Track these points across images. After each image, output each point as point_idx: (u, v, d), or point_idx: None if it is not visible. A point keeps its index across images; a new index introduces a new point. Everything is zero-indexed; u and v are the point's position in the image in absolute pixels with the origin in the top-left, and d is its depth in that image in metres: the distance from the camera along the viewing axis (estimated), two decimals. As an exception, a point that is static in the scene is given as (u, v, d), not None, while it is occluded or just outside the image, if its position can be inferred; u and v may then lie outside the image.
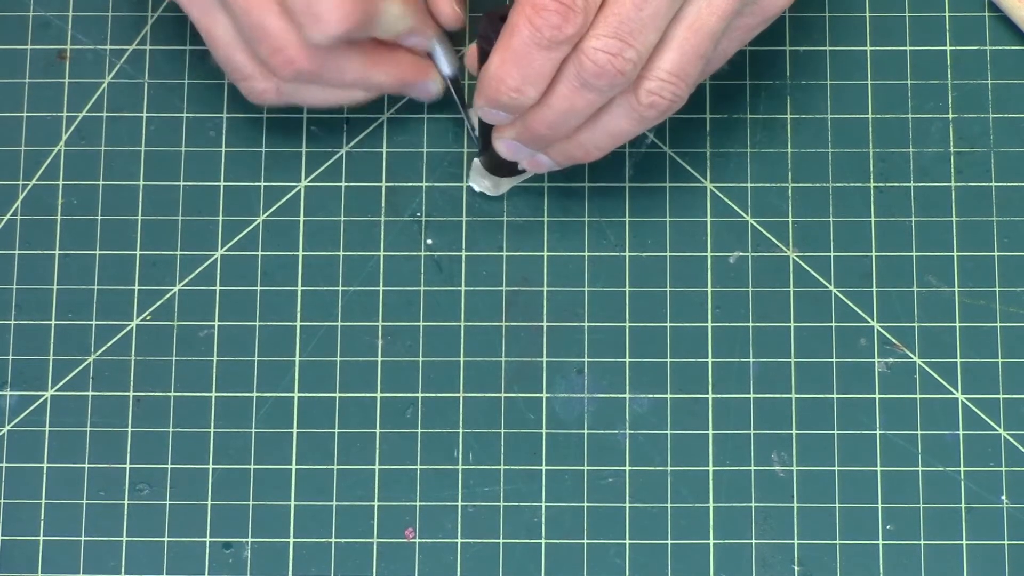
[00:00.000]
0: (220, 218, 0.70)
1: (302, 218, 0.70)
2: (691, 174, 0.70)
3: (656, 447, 0.68)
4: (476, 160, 0.70)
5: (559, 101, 0.62)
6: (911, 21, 0.71)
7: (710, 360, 0.69)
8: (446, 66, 0.67)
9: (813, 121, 0.71)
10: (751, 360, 0.69)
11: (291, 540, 0.68)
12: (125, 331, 0.69)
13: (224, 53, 0.65)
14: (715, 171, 0.70)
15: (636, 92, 0.62)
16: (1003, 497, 0.68)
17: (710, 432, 0.68)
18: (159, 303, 0.70)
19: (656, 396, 0.69)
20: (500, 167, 0.69)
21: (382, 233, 0.70)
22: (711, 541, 0.68)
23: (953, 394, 0.68)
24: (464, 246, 0.70)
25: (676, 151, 0.71)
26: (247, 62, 0.65)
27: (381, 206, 0.70)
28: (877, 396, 0.68)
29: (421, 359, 0.69)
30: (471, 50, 0.65)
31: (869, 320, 0.69)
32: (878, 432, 0.68)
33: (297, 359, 0.69)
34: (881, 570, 0.67)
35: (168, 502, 0.68)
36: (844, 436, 0.68)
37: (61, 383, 0.69)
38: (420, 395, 0.69)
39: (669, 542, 0.68)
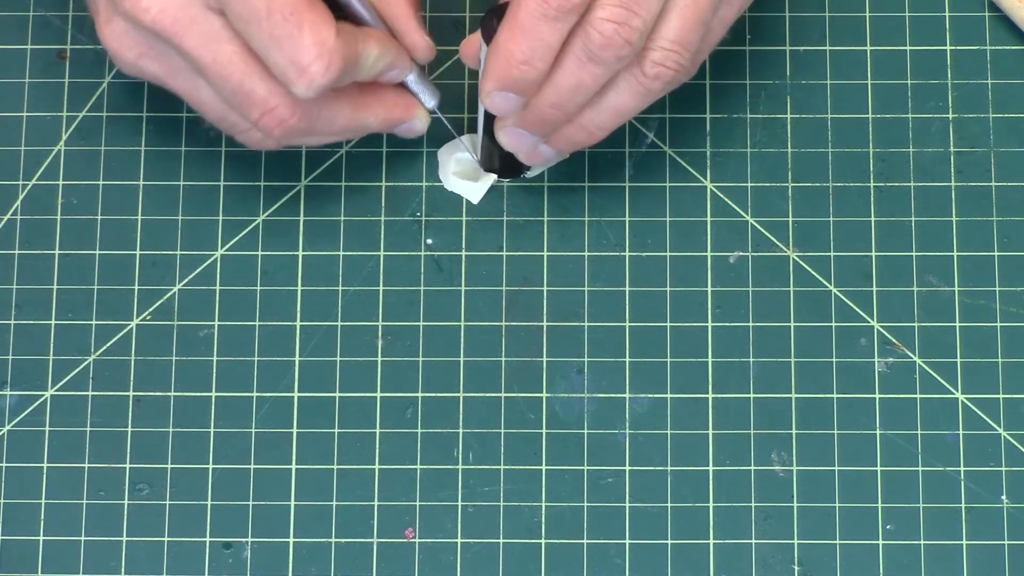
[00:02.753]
0: (220, 218, 0.70)
1: (302, 218, 0.70)
2: (691, 174, 0.70)
3: (656, 447, 0.68)
4: (451, 160, 0.70)
5: (565, 77, 0.62)
6: (911, 21, 0.71)
7: (710, 360, 0.69)
8: (428, 98, 0.67)
9: (813, 121, 0.71)
10: (751, 360, 0.69)
11: (291, 540, 0.68)
12: (125, 331, 0.69)
13: (215, 115, 0.65)
14: (715, 171, 0.70)
15: (641, 64, 0.62)
16: (1003, 497, 0.68)
17: (710, 432, 0.68)
18: (159, 303, 0.70)
19: (656, 396, 0.69)
20: (504, 168, 0.69)
21: (382, 233, 0.70)
22: (711, 541, 0.68)
23: (953, 394, 0.68)
24: (464, 246, 0.70)
25: (676, 151, 0.71)
26: (239, 119, 0.64)
27: (381, 206, 0.70)
28: (877, 396, 0.68)
29: (421, 359, 0.69)
30: (469, 40, 0.65)
31: (869, 320, 0.69)
32: (878, 432, 0.68)
33: (297, 359, 0.69)
34: (881, 570, 0.67)
35: (168, 502, 0.68)
36: (844, 436, 0.68)
37: (61, 383, 0.69)
38: (420, 395, 0.69)
39: (669, 542, 0.68)
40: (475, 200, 0.70)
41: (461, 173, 0.70)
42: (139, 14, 0.61)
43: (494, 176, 0.69)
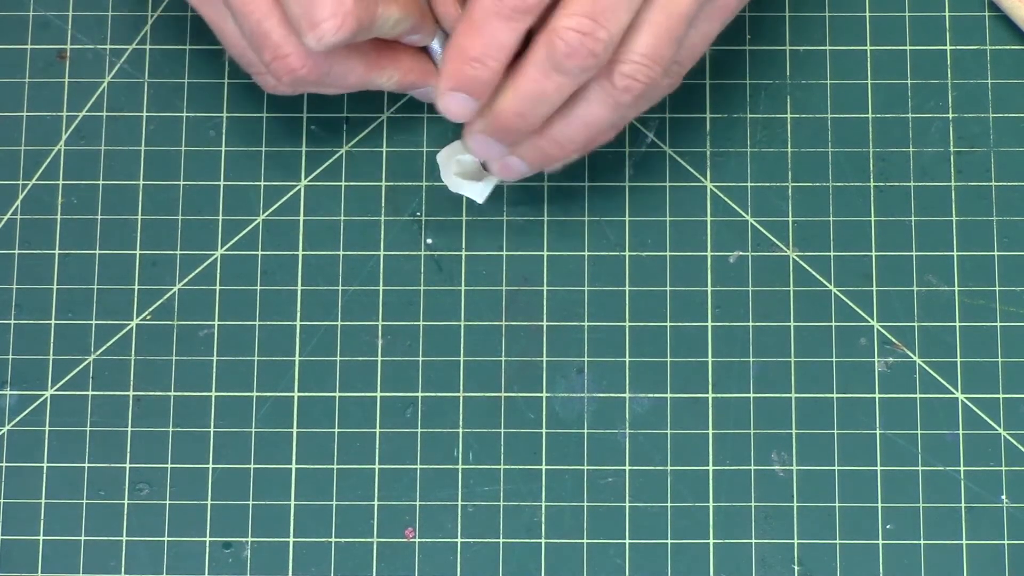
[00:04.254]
0: (220, 218, 0.70)
1: (302, 218, 0.70)
2: (691, 174, 0.70)
3: (656, 447, 0.68)
4: (452, 163, 0.70)
5: (528, 84, 0.61)
6: (911, 21, 0.71)
7: (710, 360, 0.69)
8: None
9: (813, 121, 0.71)
10: (751, 360, 0.69)
11: (291, 540, 0.68)
12: (125, 331, 0.69)
13: (236, 51, 0.65)
14: (715, 171, 0.70)
15: (611, 76, 0.61)
16: (1003, 497, 0.68)
17: (710, 432, 0.68)
18: (159, 303, 0.70)
19: (656, 396, 0.69)
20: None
21: (382, 233, 0.70)
22: (711, 541, 0.68)
23: (953, 394, 0.68)
24: (464, 246, 0.70)
25: (676, 151, 0.71)
26: (257, 60, 0.65)
27: (381, 206, 0.70)
28: (877, 396, 0.68)
29: (421, 359, 0.69)
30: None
31: (869, 320, 0.69)
32: (878, 432, 0.68)
33: (297, 359, 0.69)
34: (881, 570, 0.67)
35: (168, 502, 0.68)
36: (844, 436, 0.68)
37: (61, 383, 0.69)
38: (420, 395, 0.69)
39: (669, 542, 0.68)
40: (480, 200, 0.69)
41: (463, 174, 0.70)
42: None
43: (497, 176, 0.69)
